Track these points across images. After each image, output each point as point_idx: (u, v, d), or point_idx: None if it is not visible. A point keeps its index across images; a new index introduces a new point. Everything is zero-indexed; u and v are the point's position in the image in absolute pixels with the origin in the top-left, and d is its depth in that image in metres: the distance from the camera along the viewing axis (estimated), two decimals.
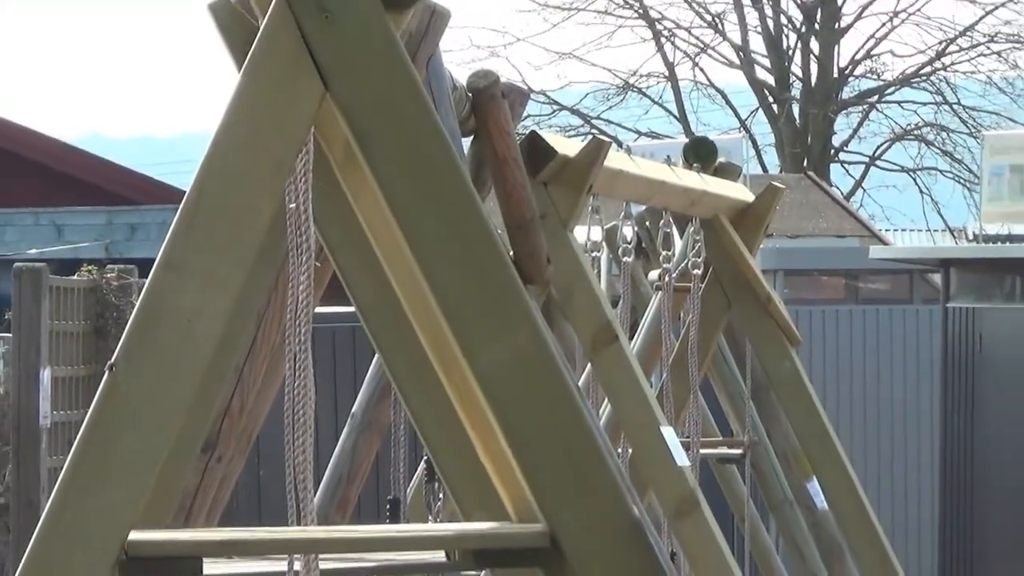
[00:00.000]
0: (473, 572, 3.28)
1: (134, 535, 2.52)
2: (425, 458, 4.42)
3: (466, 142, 3.72)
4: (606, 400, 5.89)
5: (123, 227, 20.18)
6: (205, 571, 2.51)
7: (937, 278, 13.55)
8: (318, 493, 3.56)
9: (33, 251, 16.43)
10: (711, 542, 5.46)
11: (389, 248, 2.87)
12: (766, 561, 8.91)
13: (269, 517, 9.05)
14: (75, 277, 8.29)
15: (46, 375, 6.75)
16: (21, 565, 2.69)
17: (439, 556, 2.79)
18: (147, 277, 2.62)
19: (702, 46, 25.69)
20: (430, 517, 4.90)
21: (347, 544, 2.77)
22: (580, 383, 5.53)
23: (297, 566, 2.64)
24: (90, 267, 9.04)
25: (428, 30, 3.43)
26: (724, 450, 8.48)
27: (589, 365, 5.69)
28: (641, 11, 25.45)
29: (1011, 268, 12.76)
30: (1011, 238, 12.65)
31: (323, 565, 2.66)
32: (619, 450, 6.03)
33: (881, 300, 15.20)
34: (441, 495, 4.56)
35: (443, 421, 3.12)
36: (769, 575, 8.98)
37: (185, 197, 2.69)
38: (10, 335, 8.00)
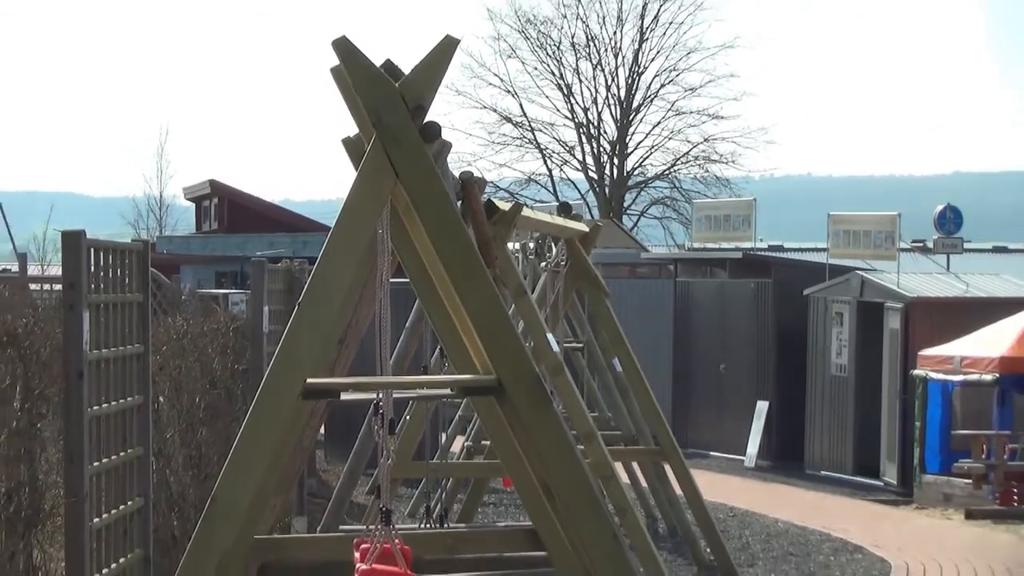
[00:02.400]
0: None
1: (310, 380, 5.29)
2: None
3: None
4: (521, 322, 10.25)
5: (300, 242, 33.96)
6: (341, 396, 5.47)
7: (672, 267, 26.33)
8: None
9: (259, 253, 26.23)
10: (571, 392, 11.08)
11: (427, 253, 5.47)
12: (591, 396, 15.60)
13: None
14: (278, 265, 13.77)
15: (266, 310, 11.42)
16: (256, 398, 5.39)
17: (446, 391, 5.75)
18: (312, 267, 5.29)
19: (563, 160, 51.40)
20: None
21: (404, 385, 5.99)
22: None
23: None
24: (286, 262, 14.59)
25: (442, 151, 6.43)
26: (575, 344, 15.07)
27: (514, 305, 10.20)
28: (535, 142, 50.31)
29: (704, 262, 25.89)
30: (706, 250, 25.91)
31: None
32: (528, 343, 9.95)
33: (646, 277, 26.67)
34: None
35: (450, 328, 5.98)
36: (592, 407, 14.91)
37: (332, 229, 5.46)
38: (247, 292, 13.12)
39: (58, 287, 11.36)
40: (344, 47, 5.56)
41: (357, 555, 5.80)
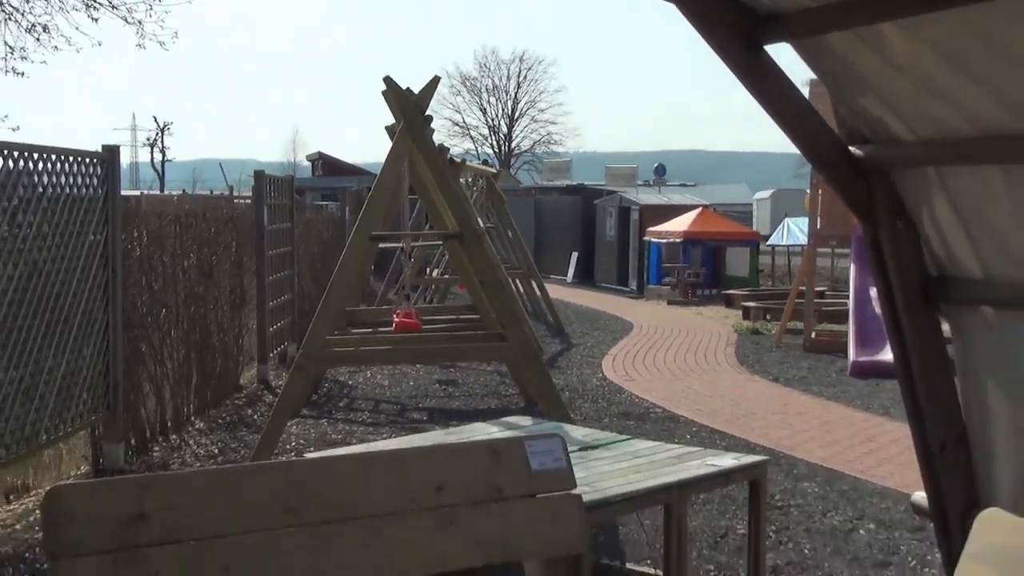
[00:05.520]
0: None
1: (373, 232, 8.92)
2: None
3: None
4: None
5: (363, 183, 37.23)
6: (380, 245, 9.30)
7: (533, 192, 36.99)
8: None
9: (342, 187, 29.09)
10: (488, 244, 15.34)
11: (429, 184, 9.30)
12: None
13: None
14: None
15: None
16: (349, 242, 8.92)
17: (435, 241, 9.31)
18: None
19: (483, 141, 72.48)
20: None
21: (414, 236, 9.73)
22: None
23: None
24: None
25: (431, 130, 9.63)
26: (489, 225, 18.06)
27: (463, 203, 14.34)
28: (468, 134, 71.99)
29: (548, 189, 36.39)
30: (550, 185, 37.20)
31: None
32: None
33: (521, 196, 34.73)
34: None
35: (435, 211, 9.55)
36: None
37: (382, 167, 8.89)
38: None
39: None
40: (388, 80, 8.81)
41: (395, 317, 9.37)
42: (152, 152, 68.87)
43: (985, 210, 3.04)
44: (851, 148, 3.28)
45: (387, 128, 9.30)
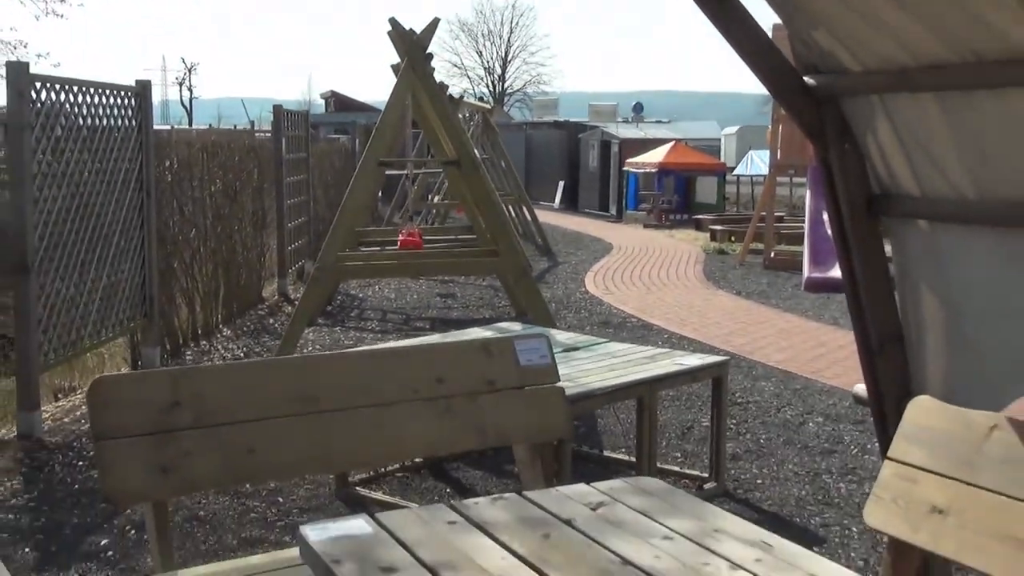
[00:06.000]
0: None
1: (380, 159, 8.95)
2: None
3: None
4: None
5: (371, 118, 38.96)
6: (386, 171, 8.94)
7: (524, 127, 36.47)
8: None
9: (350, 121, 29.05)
10: (484, 171, 14.42)
11: (431, 116, 9.18)
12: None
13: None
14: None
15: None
16: (358, 167, 8.81)
17: (437, 169, 9.14)
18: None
19: (479, 81, 70.44)
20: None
21: (417, 162, 9.41)
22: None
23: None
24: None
25: (432, 65, 9.41)
26: (484, 155, 16.63)
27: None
28: (466, 74, 70.14)
29: (538, 124, 35.40)
30: (539, 120, 36.83)
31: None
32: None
33: (514, 130, 34.36)
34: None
35: (436, 140, 9.19)
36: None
37: (388, 100, 8.76)
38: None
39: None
40: (393, 22, 8.76)
41: (400, 235, 9.41)
42: (181, 90, 69.09)
43: (922, 134, 3.05)
44: (805, 79, 3.29)
45: (392, 66, 9.22)
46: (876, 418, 3.52)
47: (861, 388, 3.46)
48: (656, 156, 24.40)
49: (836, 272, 13.04)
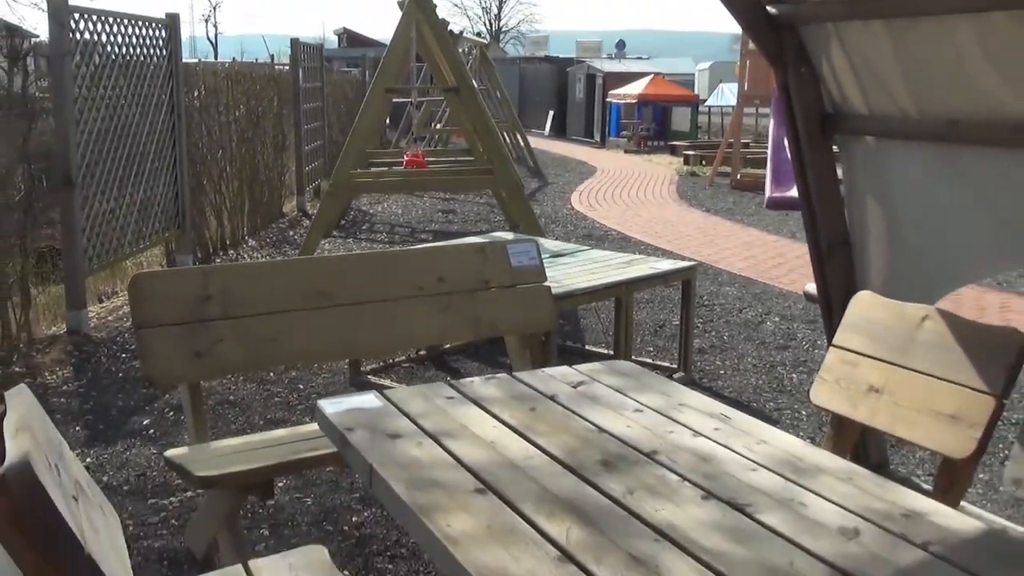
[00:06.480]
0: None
1: (387, 87, 8.75)
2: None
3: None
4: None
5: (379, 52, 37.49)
6: (394, 99, 8.89)
7: (518, 61, 34.83)
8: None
9: (360, 55, 28.86)
10: (481, 99, 14.13)
11: (433, 48, 8.81)
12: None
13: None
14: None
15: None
16: (368, 93, 8.51)
17: (439, 97, 8.93)
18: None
19: (476, 19, 68.53)
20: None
21: (421, 90, 9.29)
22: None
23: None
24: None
25: (434, 2, 9.11)
26: (480, 86, 16.44)
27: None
28: (465, 13, 69.06)
29: (531, 59, 33.47)
30: (532, 56, 34.51)
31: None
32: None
33: (508, 65, 32.57)
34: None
35: (437, 68, 9.07)
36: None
37: (393, 33, 8.64)
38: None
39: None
40: None
41: (406, 156, 9.05)
42: (207, 27, 68.39)
43: (871, 58, 3.05)
44: (768, 8, 3.26)
45: (399, 2, 9.13)
46: (824, 313, 3.56)
47: (812, 287, 3.49)
48: (636, 88, 24.22)
49: (794, 192, 13.25)
